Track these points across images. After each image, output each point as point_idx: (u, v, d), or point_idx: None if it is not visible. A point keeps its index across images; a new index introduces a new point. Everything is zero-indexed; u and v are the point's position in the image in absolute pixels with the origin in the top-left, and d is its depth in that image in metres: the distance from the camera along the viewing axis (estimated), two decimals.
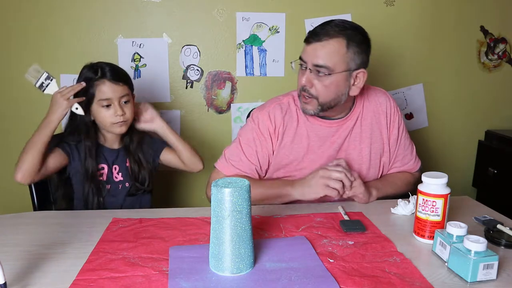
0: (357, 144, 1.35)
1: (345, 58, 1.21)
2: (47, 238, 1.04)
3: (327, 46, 1.20)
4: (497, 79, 2.18)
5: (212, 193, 0.85)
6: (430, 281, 0.83)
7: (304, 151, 1.33)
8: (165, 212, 1.22)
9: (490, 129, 2.20)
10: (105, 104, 1.33)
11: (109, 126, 1.36)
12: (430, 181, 0.98)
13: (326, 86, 1.22)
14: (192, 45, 1.95)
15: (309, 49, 1.22)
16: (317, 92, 1.23)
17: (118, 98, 1.34)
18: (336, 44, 1.20)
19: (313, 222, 1.11)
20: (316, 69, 1.21)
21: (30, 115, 1.93)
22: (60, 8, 1.86)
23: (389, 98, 1.41)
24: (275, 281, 0.82)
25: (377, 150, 1.37)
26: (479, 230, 1.06)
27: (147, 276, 0.84)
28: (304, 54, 1.23)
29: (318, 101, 1.24)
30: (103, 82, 1.32)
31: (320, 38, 1.20)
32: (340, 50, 1.20)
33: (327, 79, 1.21)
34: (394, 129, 1.39)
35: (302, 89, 1.24)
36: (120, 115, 1.33)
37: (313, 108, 1.26)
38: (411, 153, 1.45)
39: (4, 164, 1.94)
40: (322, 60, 1.20)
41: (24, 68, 1.89)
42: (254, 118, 1.36)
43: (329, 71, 1.20)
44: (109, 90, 1.32)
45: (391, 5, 2.02)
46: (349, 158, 1.34)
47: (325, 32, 1.20)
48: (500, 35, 2.13)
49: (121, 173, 1.43)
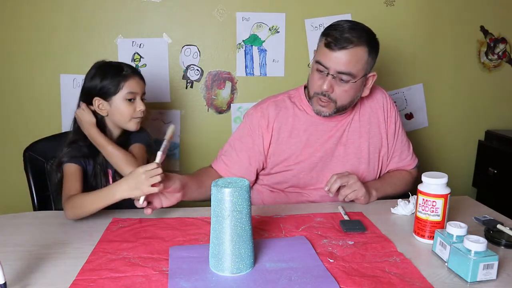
0: (356, 139, 1.36)
1: (366, 65, 1.25)
2: (47, 238, 1.04)
3: (352, 54, 1.20)
4: (497, 79, 2.18)
5: (212, 193, 0.85)
6: (430, 281, 0.83)
7: (302, 145, 1.34)
8: (165, 212, 1.22)
9: (490, 129, 2.20)
10: (130, 97, 1.35)
11: (127, 121, 1.37)
12: (430, 181, 0.98)
13: (346, 91, 1.25)
14: (192, 45, 1.95)
15: (333, 56, 1.21)
16: (336, 97, 1.25)
17: (141, 94, 1.39)
18: (360, 52, 1.22)
19: (313, 222, 1.11)
20: (339, 76, 1.22)
21: (31, 115, 1.93)
22: (60, 8, 1.86)
23: (386, 94, 1.44)
24: (275, 281, 0.82)
25: (375, 145, 1.38)
26: (479, 230, 1.06)
27: (147, 276, 0.84)
28: (326, 60, 1.22)
29: (336, 104, 1.27)
30: (132, 77, 1.36)
31: (345, 46, 1.20)
32: (363, 58, 1.23)
33: (347, 85, 1.24)
34: (392, 123, 1.41)
35: (322, 93, 1.25)
36: (143, 110, 1.37)
37: (329, 111, 1.28)
38: (408, 149, 1.46)
39: (4, 164, 1.94)
40: (346, 67, 1.21)
41: (24, 68, 1.90)
42: (246, 116, 1.39)
43: (352, 78, 1.23)
44: (137, 85, 1.37)
45: (391, 5, 2.02)
46: (348, 152, 1.35)
47: (348, 40, 1.20)
48: (500, 35, 2.13)
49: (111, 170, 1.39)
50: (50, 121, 1.92)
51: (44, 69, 1.90)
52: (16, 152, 1.43)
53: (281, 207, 1.25)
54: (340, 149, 1.35)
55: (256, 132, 1.34)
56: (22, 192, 1.51)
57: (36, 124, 1.93)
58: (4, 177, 1.95)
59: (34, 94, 1.92)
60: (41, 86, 1.91)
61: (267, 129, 1.34)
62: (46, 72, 1.90)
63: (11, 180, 1.90)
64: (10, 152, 1.90)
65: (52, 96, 1.92)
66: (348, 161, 1.35)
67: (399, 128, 1.43)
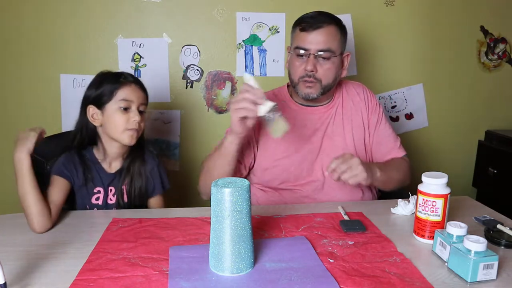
0: (341, 131, 1.40)
1: (339, 42, 1.34)
2: (47, 238, 1.04)
3: (327, 32, 1.30)
4: (497, 79, 2.18)
5: (212, 193, 0.85)
6: (430, 281, 0.83)
7: (290, 139, 1.36)
8: (165, 212, 1.22)
9: (490, 129, 2.20)
10: (123, 105, 1.25)
11: (120, 133, 1.26)
12: (430, 181, 0.98)
13: (328, 68, 1.32)
14: (192, 45, 1.95)
15: (311, 37, 1.30)
16: (320, 76, 1.32)
17: (138, 104, 1.28)
18: (333, 30, 1.32)
19: (313, 222, 1.11)
20: (320, 55, 1.30)
21: (31, 115, 1.94)
22: (60, 8, 1.86)
23: (366, 89, 1.49)
24: (275, 281, 0.82)
25: (359, 136, 1.42)
26: (479, 230, 1.06)
27: (147, 276, 0.84)
28: (306, 43, 1.30)
29: (321, 84, 1.33)
30: (128, 84, 1.27)
31: (320, 25, 1.30)
32: (336, 35, 1.32)
33: (328, 63, 1.32)
34: (372, 114, 1.45)
35: (307, 75, 1.31)
36: (137, 120, 1.26)
37: (316, 92, 1.34)
38: (395, 140, 1.46)
39: (4, 164, 1.94)
40: (325, 44, 1.30)
41: (24, 68, 1.90)
42: None
43: (332, 54, 1.31)
44: (132, 92, 1.27)
45: (391, 5, 2.02)
46: (334, 145, 1.38)
47: (321, 20, 1.31)
48: (500, 35, 2.13)
49: (116, 196, 1.33)
50: (50, 121, 1.92)
51: (44, 69, 1.91)
52: None
53: (281, 207, 1.26)
54: (326, 142, 1.39)
55: None
56: None
57: (36, 124, 1.90)
58: (4, 177, 1.95)
59: (34, 94, 1.92)
60: (41, 86, 1.91)
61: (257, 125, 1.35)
62: (46, 72, 1.90)
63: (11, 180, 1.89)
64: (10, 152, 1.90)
65: (52, 96, 1.92)
66: (336, 153, 1.32)
67: (381, 118, 1.45)
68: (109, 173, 1.32)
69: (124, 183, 1.32)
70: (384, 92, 2.10)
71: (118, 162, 1.34)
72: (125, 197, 1.32)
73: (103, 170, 1.32)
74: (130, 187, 1.32)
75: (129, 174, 1.33)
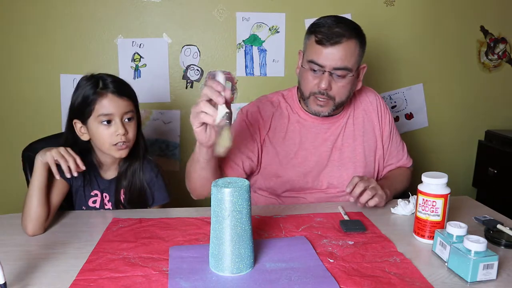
0: (351, 142, 1.35)
1: (357, 57, 1.23)
2: (47, 238, 1.04)
3: (346, 47, 1.19)
4: (497, 79, 2.18)
5: (212, 193, 0.85)
6: (430, 281, 0.83)
7: (296, 147, 1.33)
8: (165, 212, 1.22)
9: (490, 129, 2.20)
10: (105, 120, 1.17)
11: (107, 148, 1.20)
12: (430, 181, 0.98)
13: (343, 86, 1.23)
14: (192, 45, 1.95)
15: (327, 52, 1.19)
16: (334, 94, 1.24)
17: (121, 115, 1.18)
18: (353, 45, 1.20)
19: (313, 222, 1.11)
20: (336, 72, 1.21)
21: (31, 115, 1.94)
22: (60, 8, 1.86)
23: (378, 96, 1.43)
24: (275, 281, 0.82)
25: (370, 148, 1.37)
26: (479, 230, 1.05)
27: (147, 276, 0.84)
28: (321, 58, 1.19)
29: (334, 101, 1.25)
30: (104, 95, 1.17)
31: (338, 40, 1.18)
32: (355, 51, 1.21)
33: (344, 80, 1.22)
34: (386, 125, 1.40)
35: (320, 92, 1.23)
36: (121, 134, 1.17)
37: (328, 110, 1.27)
38: (403, 149, 1.47)
39: (4, 164, 1.94)
40: (343, 62, 1.19)
41: (24, 68, 1.90)
42: (243, 111, 1.36)
43: (349, 72, 1.21)
44: (111, 104, 1.17)
45: (391, 5, 2.02)
46: (343, 157, 1.34)
47: (340, 34, 1.18)
48: (500, 35, 2.13)
49: (111, 202, 1.30)
50: (50, 121, 1.92)
51: (44, 69, 1.91)
52: (16, 152, 1.43)
53: (281, 207, 1.25)
54: (335, 154, 1.34)
55: (253, 126, 1.32)
56: (22, 192, 1.50)
57: (36, 124, 1.93)
58: (4, 177, 1.95)
59: (34, 94, 1.92)
60: (41, 86, 1.91)
61: (264, 126, 1.32)
62: (46, 72, 1.90)
63: (11, 180, 1.90)
64: (10, 152, 1.90)
65: (52, 96, 1.92)
66: (344, 165, 1.34)
67: (393, 130, 1.42)
68: (104, 179, 1.30)
69: (121, 192, 1.29)
70: (384, 92, 2.10)
71: (114, 169, 1.30)
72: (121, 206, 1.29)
73: (99, 175, 1.30)
74: (126, 196, 1.29)
75: (124, 183, 1.28)
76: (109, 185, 1.30)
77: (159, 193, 1.33)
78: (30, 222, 1.05)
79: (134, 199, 1.29)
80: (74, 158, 1.10)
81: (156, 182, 1.32)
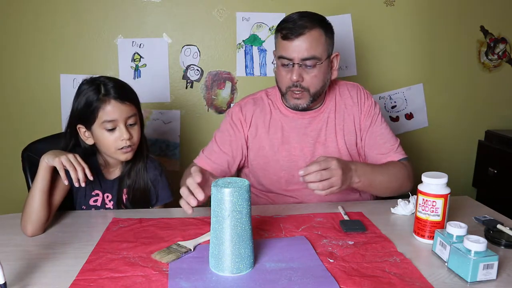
0: (334, 137, 1.37)
1: (325, 45, 1.26)
2: (47, 238, 1.04)
3: (310, 37, 1.23)
4: (497, 79, 2.18)
5: (212, 193, 0.85)
6: (430, 281, 0.83)
7: (279, 141, 1.36)
8: (165, 212, 1.22)
9: (490, 129, 2.20)
10: (109, 127, 1.18)
11: (113, 152, 1.22)
12: (430, 181, 0.98)
13: (315, 76, 1.26)
14: (192, 45, 1.95)
15: (293, 45, 1.23)
16: (307, 84, 1.27)
17: (124, 120, 1.19)
18: (317, 34, 1.24)
19: (313, 222, 1.11)
20: (305, 63, 1.24)
21: (31, 115, 1.94)
22: (60, 8, 1.86)
23: (361, 89, 1.41)
24: (275, 281, 0.82)
25: (351, 141, 1.37)
26: (479, 230, 1.05)
27: (147, 276, 0.84)
28: (289, 52, 1.24)
29: (309, 92, 1.28)
30: (107, 102, 1.17)
31: (301, 32, 1.22)
32: (320, 39, 1.25)
33: (315, 70, 1.25)
34: (366, 117, 1.37)
35: (293, 85, 1.26)
36: (126, 139, 1.19)
37: (305, 101, 1.29)
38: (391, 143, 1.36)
39: (4, 164, 1.94)
40: (309, 52, 1.23)
41: (24, 68, 1.90)
42: (228, 112, 1.44)
43: (318, 61, 1.25)
44: (114, 110, 1.17)
45: (391, 5, 2.02)
46: (327, 152, 1.35)
47: (302, 25, 1.22)
48: (500, 35, 2.13)
49: (113, 202, 1.30)
50: (50, 121, 1.92)
51: (44, 69, 1.91)
52: (16, 152, 1.42)
53: (281, 207, 1.25)
54: (320, 149, 1.36)
55: (237, 125, 1.39)
56: (22, 192, 1.50)
57: (36, 124, 1.93)
58: (4, 177, 1.95)
59: (34, 94, 1.92)
60: (41, 86, 1.91)
61: (246, 123, 1.39)
62: (46, 72, 1.90)
63: (11, 180, 1.90)
64: (10, 152, 1.90)
65: (52, 96, 1.92)
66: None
67: (376, 120, 1.37)
68: (107, 180, 1.30)
69: (123, 192, 1.29)
70: (384, 92, 2.10)
71: (118, 169, 1.32)
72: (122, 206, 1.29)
73: (102, 175, 1.30)
74: (129, 196, 1.29)
75: (128, 182, 1.29)
76: (112, 185, 1.31)
77: (164, 192, 1.34)
78: (30, 223, 1.05)
79: (137, 199, 1.29)
80: (83, 168, 1.10)
81: (160, 181, 1.34)
